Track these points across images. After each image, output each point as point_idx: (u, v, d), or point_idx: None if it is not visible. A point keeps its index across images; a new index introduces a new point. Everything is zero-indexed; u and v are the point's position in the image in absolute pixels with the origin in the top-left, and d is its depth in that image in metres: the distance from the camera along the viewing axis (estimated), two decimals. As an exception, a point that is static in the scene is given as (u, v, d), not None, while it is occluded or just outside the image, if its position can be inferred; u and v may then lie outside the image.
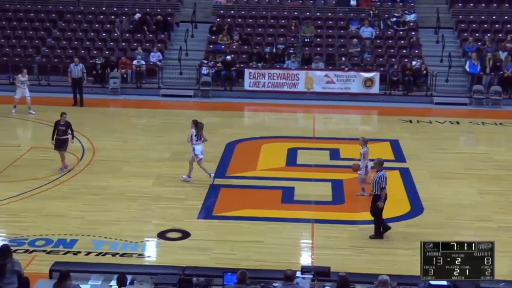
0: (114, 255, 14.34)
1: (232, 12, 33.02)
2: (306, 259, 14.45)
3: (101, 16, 32.63)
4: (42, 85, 28.60)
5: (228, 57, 29.31)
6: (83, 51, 30.47)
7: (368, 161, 17.40)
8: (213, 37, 31.20)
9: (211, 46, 30.79)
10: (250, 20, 32.50)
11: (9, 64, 29.56)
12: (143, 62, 29.36)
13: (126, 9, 33.01)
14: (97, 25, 32.15)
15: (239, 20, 32.52)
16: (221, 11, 33.04)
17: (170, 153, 21.02)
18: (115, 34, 31.51)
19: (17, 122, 24.61)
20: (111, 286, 11.42)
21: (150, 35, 31.41)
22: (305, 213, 16.69)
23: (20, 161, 20.17)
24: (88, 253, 14.38)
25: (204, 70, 28.99)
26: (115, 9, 33.14)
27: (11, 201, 17.17)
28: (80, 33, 31.67)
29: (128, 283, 11.09)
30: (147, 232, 15.56)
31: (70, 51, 30.41)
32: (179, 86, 29.15)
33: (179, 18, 33.13)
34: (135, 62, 29.34)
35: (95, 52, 30.47)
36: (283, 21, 32.34)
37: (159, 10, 32.92)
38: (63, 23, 32.33)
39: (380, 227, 15.20)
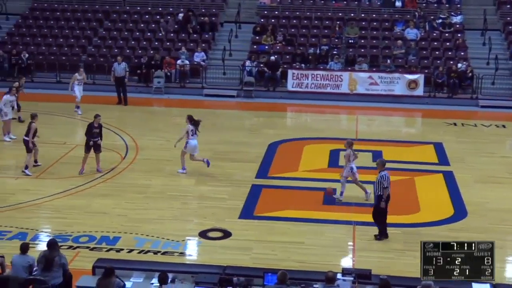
0: (155, 253, 14.47)
1: (276, 12, 33.04)
2: (347, 261, 14.38)
3: (147, 16, 32.95)
4: (88, 84, 28.88)
5: (273, 58, 29.34)
6: (128, 51, 30.78)
7: (353, 163, 17.31)
8: (257, 37, 31.26)
9: (254, 47, 30.85)
10: (294, 21, 32.46)
11: (56, 63, 30.01)
12: (187, 62, 29.55)
13: (171, 9, 33.27)
14: (142, 25, 32.46)
15: (283, 20, 32.51)
16: (265, 12, 33.08)
17: (213, 152, 21.09)
18: (160, 34, 31.77)
19: (63, 120, 24.93)
20: (152, 283, 11.54)
21: (195, 35, 31.60)
22: (346, 215, 16.64)
23: (65, 158, 20.45)
24: (131, 251, 14.53)
25: (248, 68, 29.05)
26: (160, 9, 33.42)
27: (56, 198, 17.45)
28: (126, 33, 32.02)
29: (169, 281, 11.19)
30: (188, 231, 15.67)
31: (116, 50, 30.75)
32: (222, 86, 29.27)
33: (223, 18, 33.26)
34: (179, 61, 29.55)
35: (140, 51, 30.76)
36: (327, 22, 32.23)
37: (203, 10, 33.11)
38: (109, 23, 32.72)
39: (383, 228, 15.19)
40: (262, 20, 32.40)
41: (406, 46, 30.26)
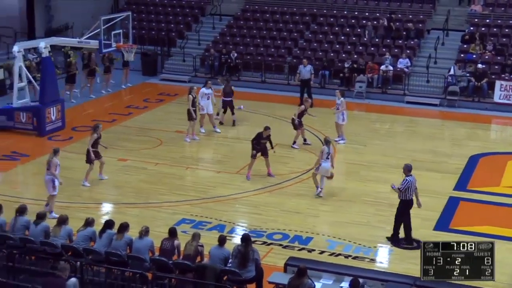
0: (346, 257, 14.51)
1: (488, 21, 31.77)
2: (547, 286, 13.58)
3: (353, 20, 33.03)
4: (291, 85, 29.53)
5: (480, 66, 28.28)
6: (332, 54, 31.04)
7: (323, 161, 17.49)
8: (465, 46, 30.27)
9: (461, 55, 29.90)
10: (507, 30, 31.04)
11: (262, 63, 30.93)
12: (390, 68, 29.28)
13: (377, 14, 33.11)
14: (348, 29, 32.59)
15: (495, 29, 31.19)
16: (476, 20, 31.93)
17: (411, 160, 20.70)
18: (365, 39, 31.72)
19: (261, 118, 25.39)
20: (341, 287, 11.57)
21: (400, 41, 31.22)
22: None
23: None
24: (322, 252, 14.69)
25: (452, 79, 28.23)
26: (367, 14, 33.38)
27: (253, 194, 18.04)
28: (331, 36, 32.29)
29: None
30: (380, 238, 15.56)
31: (320, 53, 31.14)
32: (425, 94, 28.68)
33: (430, 25, 32.55)
34: (382, 67, 29.33)
35: (343, 55, 30.91)
36: (543, 31, 30.55)
37: (411, 16, 32.63)
38: (315, 26, 33.18)
39: (404, 233, 15.19)
40: (471, 28, 31.32)
41: None
